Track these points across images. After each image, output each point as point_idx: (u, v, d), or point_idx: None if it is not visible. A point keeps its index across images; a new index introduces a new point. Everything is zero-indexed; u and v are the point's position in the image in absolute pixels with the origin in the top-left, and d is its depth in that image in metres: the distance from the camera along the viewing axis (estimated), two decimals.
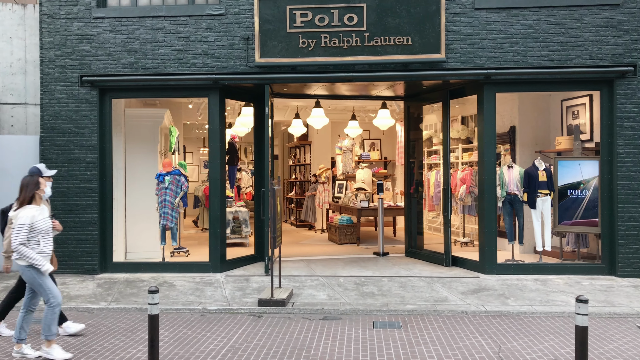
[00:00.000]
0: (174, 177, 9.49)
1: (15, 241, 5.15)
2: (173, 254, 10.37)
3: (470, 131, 13.09)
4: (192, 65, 8.99)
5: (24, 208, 5.29)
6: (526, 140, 10.88)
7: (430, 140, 14.07)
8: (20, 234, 5.14)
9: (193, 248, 10.92)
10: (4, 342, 5.83)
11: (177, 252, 10.42)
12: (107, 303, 7.21)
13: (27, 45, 9.91)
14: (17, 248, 5.15)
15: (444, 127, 9.63)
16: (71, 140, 9.10)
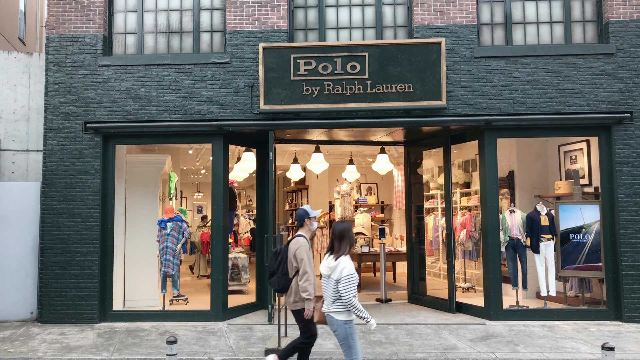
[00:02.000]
0: (175, 224, 9.42)
1: (348, 293, 4.87)
2: (172, 301, 10.17)
3: (468, 176, 13.22)
4: (197, 112, 9.08)
5: (346, 257, 5.06)
6: (525, 185, 11.00)
7: (428, 184, 14.16)
8: (351, 285, 4.88)
9: (191, 295, 10.75)
10: None
11: (176, 300, 10.23)
12: (109, 354, 7.01)
13: (31, 93, 9.98)
14: (351, 301, 4.86)
15: (446, 172, 9.72)
16: (73, 186, 9.05)
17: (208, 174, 19.33)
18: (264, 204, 10.18)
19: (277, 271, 5.88)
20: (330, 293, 5.06)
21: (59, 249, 8.96)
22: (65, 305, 8.88)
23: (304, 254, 5.66)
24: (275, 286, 5.90)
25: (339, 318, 4.98)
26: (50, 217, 9.01)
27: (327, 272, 5.10)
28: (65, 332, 8.24)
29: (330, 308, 5.03)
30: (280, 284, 5.83)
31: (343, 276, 4.91)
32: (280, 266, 5.84)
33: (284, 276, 5.82)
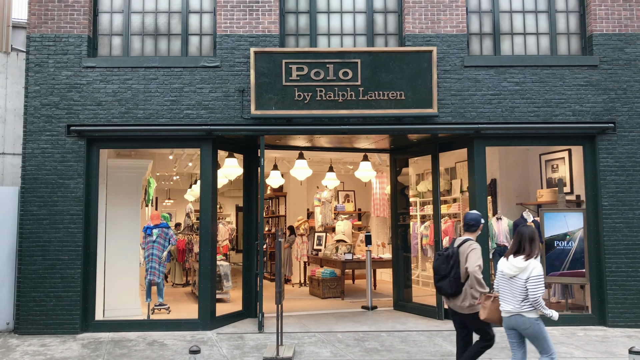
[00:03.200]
0: (162, 230, 9.19)
1: (537, 292, 5.09)
2: (154, 310, 9.89)
3: (447, 183, 13.37)
4: (186, 116, 8.89)
5: (536, 259, 5.23)
6: (507, 192, 11.19)
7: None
8: (540, 284, 5.09)
9: (170, 304, 10.45)
10: None
11: (158, 309, 9.97)
12: None
13: (8, 94, 9.59)
14: (538, 300, 5.10)
15: (434, 179, 9.80)
16: (55, 191, 8.71)
17: (180, 181, 19.00)
18: (250, 209, 10.03)
19: (449, 275, 5.72)
20: (517, 293, 5.23)
21: (39, 257, 8.59)
22: (44, 315, 8.50)
23: (480, 258, 5.64)
24: (447, 290, 5.73)
25: (530, 316, 5.23)
26: (30, 223, 8.64)
27: (514, 273, 5.25)
28: (47, 343, 7.89)
29: (520, 308, 5.23)
30: (453, 288, 5.68)
31: (532, 276, 5.13)
32: (453, 270, 5.70)
33: (456, 280, 5.67)
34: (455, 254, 5.73)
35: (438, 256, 5.91)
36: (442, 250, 5.98)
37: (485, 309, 5.52)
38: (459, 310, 5.78)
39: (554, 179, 10.76)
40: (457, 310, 5.81)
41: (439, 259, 5.86)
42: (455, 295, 5.73)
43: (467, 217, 5.93)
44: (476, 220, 5.86)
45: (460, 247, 5.76)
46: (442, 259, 5.82)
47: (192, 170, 14.61)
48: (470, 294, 5.62)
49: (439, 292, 5.95)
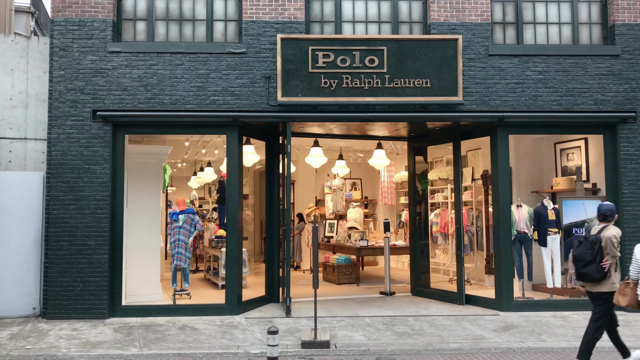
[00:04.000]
0: (188, 216, 9.21)
1: None
2: (175, 296, 9.94)
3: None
4: (212, 102, 8.89)
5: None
6: (522, 181, 11.33)
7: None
8: None
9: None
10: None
11: (179, 295, 10.01)
12: (137, 349, 6.78)
13: (30, 78, 9.50)
14: None
15: (455, 167, 9.90)
16: (81, 177, 8.69)
17: (184, 168, 18.94)
18: (272, 197, 10.09)
19: (595, 260, 5.80)
20: None
21: (66, 242, 8.59)
22: (72, 300, 8.52)
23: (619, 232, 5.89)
24: (594, 275, 5.80)
25: None
26: (56, 208, 8.62)
27: None
28: (77, 327, 7.92)
29: None
30: (600, 273, 5.77)
31: None
32: (598, 256, 5.78)
33: (601, 266, 5.76)
34: (598, 240, 5.83)
35: (579, 243, 5.97)
36: (577, 237, 6.13)
37: (626, 297, 5.66)
38: None
39: (569, 168, 10.92)
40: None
41: (583, 246, 5.91)
42: (599, 281, 5.81)
43: (602, 208, 6.09)
44: (612, 210, 6.06)
45: (600, 233, 5.89)
46: (587, 245, 5.88)
47: (204, 157, 14.59)
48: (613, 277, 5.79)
49: (583, 279, 5.98)
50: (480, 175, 12.00)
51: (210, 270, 12.67)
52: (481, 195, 12.06)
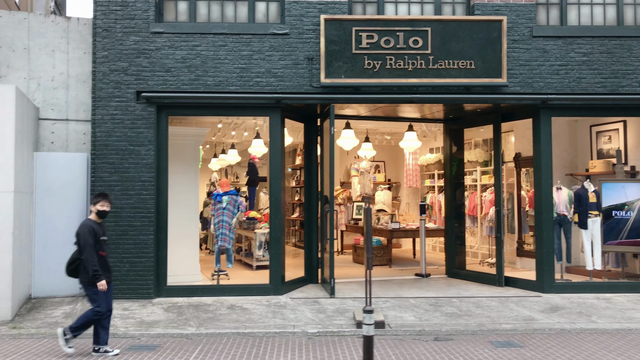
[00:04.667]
0: (231, 197, 9.26)
1: None
2: (214, 276, 10.04)
3: (487, 154, 13.46)
4: (255, 84, 8.87)
5: None
6: (557, 163, 11.26)
7: (440, 163, 14.35)
8: None
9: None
10: None
11: (217, 275, 10.09)
12: (194, 329, 6.86)
13: (70, 59, 9.48)
14: None
15: (496, 149, 9.89)
16: (125, 158, 8.72)
17: (204, 150, 18.92)
18: (311, 178, 10.13)
19: None
20: None
21: (111, 223, 8.62)
22: (118, 281, 8.55)
23: None
24: None
25: None
26: (101, 189, 8.60)
27: None
28: (127, 307, 8.01)
29: None
30: None
31: None
32: None
33: None
34: None
35: None
36: None
37: None
38: None
39: (605, 150, 10.89)
40: None
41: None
42: None
43: None
44: None
45: None
46: None
47: (231, 140, 14.57)
48: None
49: None
50: (512, 158, 11.99)
51: (241, 251, 12.76)
52: (512, 177, 12.07)
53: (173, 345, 6.12)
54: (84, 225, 6.02)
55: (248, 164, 13.97)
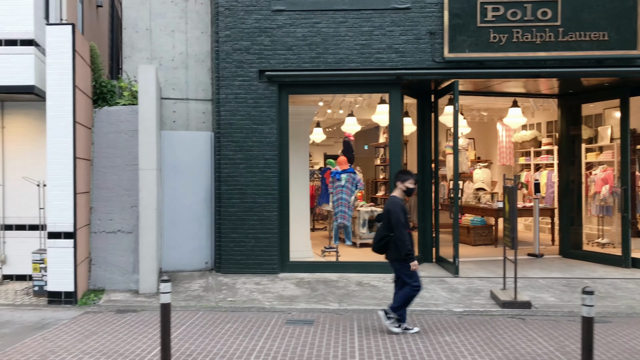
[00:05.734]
0: (350, 175, 9.27)
1: None
2: (324, 253, 10.14)
3: (592, 131, 12.88)
4: (376, 60, 8.76)
5: None
6: None
7: (537, 140, 13.87)
8: None
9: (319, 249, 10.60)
10: None
11: (328, 252, 10.19)
12: (337, 304, 6.94)
13: (189, 39, 9.65)
14: None
15: (623, 125, 9.42)
16: (249, 136, 8.85)
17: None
18: (425, 156, 10.01)
19: None
20: None
21: (237, 200, 8.83)
22: (244, 256, 8.81)
23: None
24: None
25: None
26: (227, 167, 8.85)
27: None
28: (258, 281, 8.20)
29: None
30: None
31: None
32: None
33: None
34: None
35: None
36: None
37: None
38: None
39: None
40: None
41: None
42: None
43: None
44: None
45: None
46: None
47: (327, 118, 14.55)
48: None
49: None
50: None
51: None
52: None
53: (328, 320, 6.20)
54: (395, 203, 5.78)
55: (343, 142, 13.94)
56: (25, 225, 8.14)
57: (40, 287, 7.26)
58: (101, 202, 7.87)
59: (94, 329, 5.85)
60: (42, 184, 7.84)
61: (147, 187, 7.60)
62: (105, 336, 5.58)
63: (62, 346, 5.25)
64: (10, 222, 8.17)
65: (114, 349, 5.19)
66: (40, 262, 7.24)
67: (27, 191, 8.05)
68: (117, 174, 7.92)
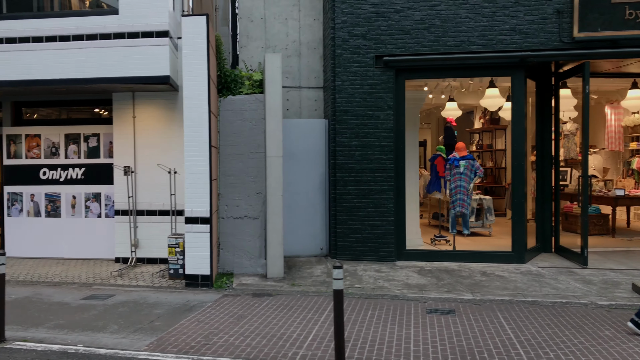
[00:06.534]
0: (468, 162, 9.02)
1: None
2: (434, 242, 9.95)
3: None
4: (499, 42, 8.43)
5: None
6: None
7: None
8: None
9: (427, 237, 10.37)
10: None
11: (438, 241, 9.99)
12: (469, 294, 6.79)
13: (301, 27, 9.69)
14: None
15: None
16: (365, 123, 8.79)
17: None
18: (544, 142, 9.58)
19: None
20: None
21: (352, 187, 8.83)
22: (360, 243, 8.81)
23: None
24: None
25: None
26: (343, 154, 8.85)
27: None
28: (378, 269, 8.17)
29: None
30: None
31: None
32: None
33: None
34: None
35: None
36: None
37: None
38: None
39: None
40: None
41: None
42: None
43: None
44: None
45: None
46: None
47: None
48: None
49: None
50: None
51: (441, 217, 12.56)
52: None
53: (468, 310, 6.08)
54: None
55: (444, 127, 13.64)
56: (156, 210, 8.52)
57: (176, 270, 7.57)
58: (228, 188, 8.09)
59: (240, 311, 6.02)
60: (172, 171, 8.15)
61: (274, 174, 7.73)
62: (255, 319, 5.73)
63: (218, 328, 5.43)
64: (142, 208, 8.56)
65: (269, 332, 5.31)
66: (175, 246, 7.54)
67: (157, 178, 8.41)
68: (243, 161, 8.09)
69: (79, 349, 4.79)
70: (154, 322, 5.64)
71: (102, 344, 4.95)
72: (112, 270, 7.99)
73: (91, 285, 7.33)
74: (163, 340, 5.03)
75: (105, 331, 5.35)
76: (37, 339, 5.10)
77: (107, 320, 5.72)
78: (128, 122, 8.57)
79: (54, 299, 6.60)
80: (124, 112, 8.58)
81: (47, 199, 9.09)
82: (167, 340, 5.03)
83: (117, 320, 5.72)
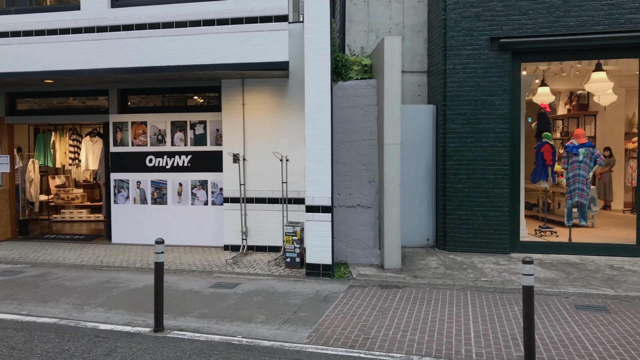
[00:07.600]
0: (588, 150, 8.54)
1: None
2: (540, 233, 9.51)
3: None
4: (627, 21, 7.89)
5: None
6: None
7: None
8: None
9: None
10: None
11: (544, 232, 9.54)
12: (611, 290, 6.40)
13: (405, 9, 9.37)
14: None
15: None
16: (478, 109, 8.42)
17: None
18: None
19: None
20: None
21: (463, 175, 8.50)
22: (471, 234, 8.50)
23: None
24: None
25: None
26: (454, 141, 8.52)
27: None
28: (496, 261, 7.85)
29: None
30: None
31: None
32: None
33: None
34: None
35: None
36: None
37: None
38: None
39: None
40: None
41: None
42: None
43: None
44: None
45: None
46: None
47: None
48: None
49: None
50: None
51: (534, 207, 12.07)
52: None
53: (620, 308, 5.71)
54: None
55: (538, 114, 13.04)
56: (265, 198, 8.44)
57: (292, 258, 7.47)
58: (339, 176, 7.91)
59: (378, 304, 5.84)
60: (284, 159, 8.03)
61: (391, 162, 7.48)
62: (400, 313, 5.53)
63: (368, 321, 5.27)
64: (251, 196, 8.50)
65: (425, 326, 5.11)
66: (293, 234, 7.43)
67: (266, 165, 8.32)
68: (355, 148, 7.89)
69: (242, 340, 4.71)
70: (298, 312, 5.53)
71: (261, 335, 4.86)
72: (227, 258, 7.96)
73: (211, 273, 7.31)
74: (321, 333, 4.90)
75: (254, 321, 5.26)
76: (192, 328, 5.05)
77: (249, 310, 5.64)
78: (237, 109, 8.49)
79: (181, 287, 6.59)
80: (233, 99, 8.51)
81: (153, 186, 9.16)
82: (325, 333, 4.90)
83: (260, 310, 5.63)
